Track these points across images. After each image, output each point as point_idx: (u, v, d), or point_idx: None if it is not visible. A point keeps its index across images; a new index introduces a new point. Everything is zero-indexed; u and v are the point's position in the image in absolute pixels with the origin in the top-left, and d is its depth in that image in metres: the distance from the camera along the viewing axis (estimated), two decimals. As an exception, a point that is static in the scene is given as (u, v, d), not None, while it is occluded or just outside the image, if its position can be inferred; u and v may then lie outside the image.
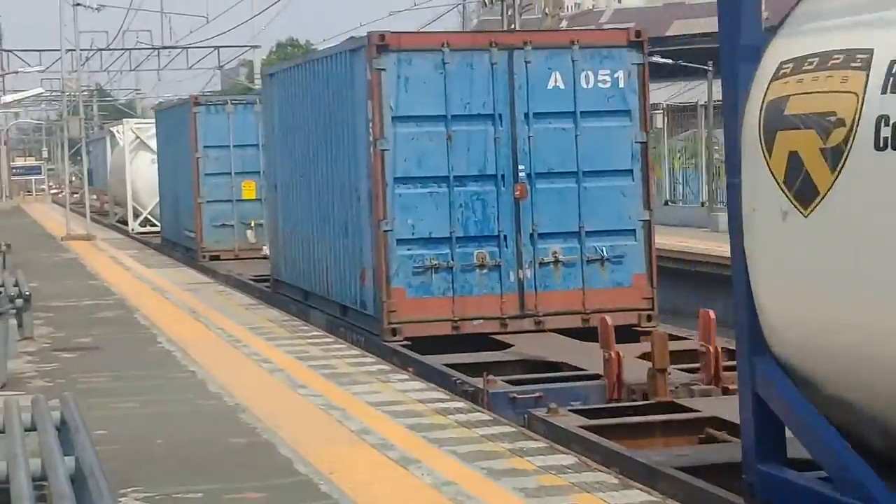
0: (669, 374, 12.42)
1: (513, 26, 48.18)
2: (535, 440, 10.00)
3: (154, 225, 40.03)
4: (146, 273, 25.62)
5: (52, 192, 72.88)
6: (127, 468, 9.22)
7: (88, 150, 54.18)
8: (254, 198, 28.77)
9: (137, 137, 41.73)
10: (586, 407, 12.24)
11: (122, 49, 66.44)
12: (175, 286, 22.66)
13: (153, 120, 41.40)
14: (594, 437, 10.66)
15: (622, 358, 12.68)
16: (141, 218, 42.19)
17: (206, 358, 14.35)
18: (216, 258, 28.82)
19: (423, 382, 12.81)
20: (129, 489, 8.67)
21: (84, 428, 7.92)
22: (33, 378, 13.43)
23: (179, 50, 66.12)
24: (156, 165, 37.88)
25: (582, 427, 11.05)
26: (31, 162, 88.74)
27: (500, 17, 49.43)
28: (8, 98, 60.89)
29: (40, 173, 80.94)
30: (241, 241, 29.18)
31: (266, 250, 25.93)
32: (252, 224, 28.95)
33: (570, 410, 11.75)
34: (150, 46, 67.05)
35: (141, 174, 41.12)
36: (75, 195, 67.40)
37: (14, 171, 78.79)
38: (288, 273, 20.87)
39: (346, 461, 9.37)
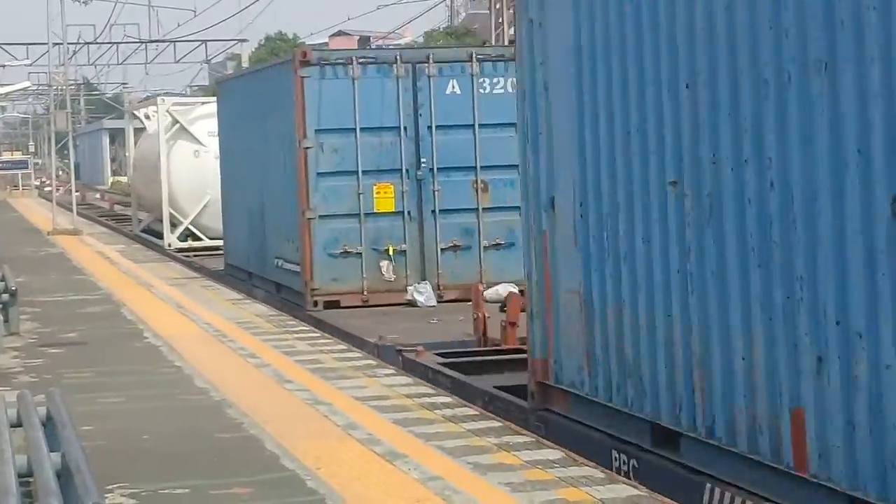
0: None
1: (500, 20, 48.26)
2: (523, 435, 10.01)
3: (198, 239, 32.44)
4: (133, 268, 25.59)
5: (47, 189, 64.37)
6: (113, 464, 9.22)
7: (76, 144, 54.13)
8: (392, 210, 19.35)
9: (176, 122, 32.56)
10: None
11: (109, 43, 66.53)
12: (161, 281, 22.63)
13: (195, 99, 36.19)
14: None
15: None
16: (181, 229, 32.82)
17: (193, 353, 14.35)
18: (333, 304, 19.17)
19: (410, 377, 12.81)
20: (115, 485, 8.66)
21: (70, 423, 7.92)
22: (19, 373, 13.41)
23: (167, 43, 66.25)
24: (200, 159, 31.10)
25: None
26: (17, 156, 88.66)
27: (488, 11, 49.56)
28: (-6, 92, 60.79)
29: (27, 167, 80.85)
30: (372, 279, 19.32)
31: (416, 294, 19.17)
32: (390, 251, 19.32)
33: None
34: (137, 40, 67.14)
35: (181, 171, 32.25)
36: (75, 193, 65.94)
37: (0, 165, 78.66)
38: (600, 382, 10.42)
39: (332, 456, 9.37)
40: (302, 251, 19.37)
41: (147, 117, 36.89)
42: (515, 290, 17.25)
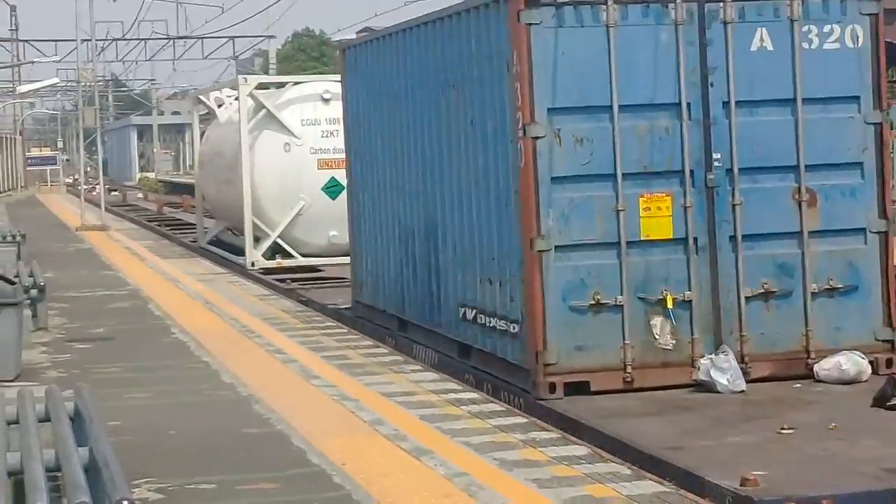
0: None
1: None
2: (549, 431, 10.01)
3: (289, 256, 25.52)
4: (160, 263, 25.66)
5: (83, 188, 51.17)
6: (141, 459, 9.25)
7: (104, 141, 54.25)
8: (669, 236, 12.30)
9: (262, 107, 25.68)
10: None
11: (137, 39, 66.86)
12: (189, 276, 22.69)
13: (287, 78, 29.48)
14: None
15: None
16: (267, 244, 25.54)
17: (220, 349, 14.39)
18: (580, 388, 11.93)
19: (437, 373, 12.82)
20: (142, 480, 8.70)
21: (98, 419, 7.95)
22: (47, 369, 13.48)
23: (195, 40, 66.52)
24: (292, 154, 25.19)
25: None
26: (46, 152, 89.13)
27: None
28: (24, 88, 61.19)
29: (55, 163, 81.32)
30: (640, 346, 12.13)
31: (713, 372, 11.78)
32: (668, 302, 12.26)
33: None
34: (165, 36, 67.42)
35: (268, 169, 25.42)
36: (113, 192, 64.43)
37: (29, 161, 79.11)
38: None
39: (359, 452, 9.39)
40: (527, 302, 12.15)
41: (219, 103, 30.02)
42: (865, 362, 12.07)
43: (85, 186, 44.24)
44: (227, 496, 8.43)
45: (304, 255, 25.51)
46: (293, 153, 25.29)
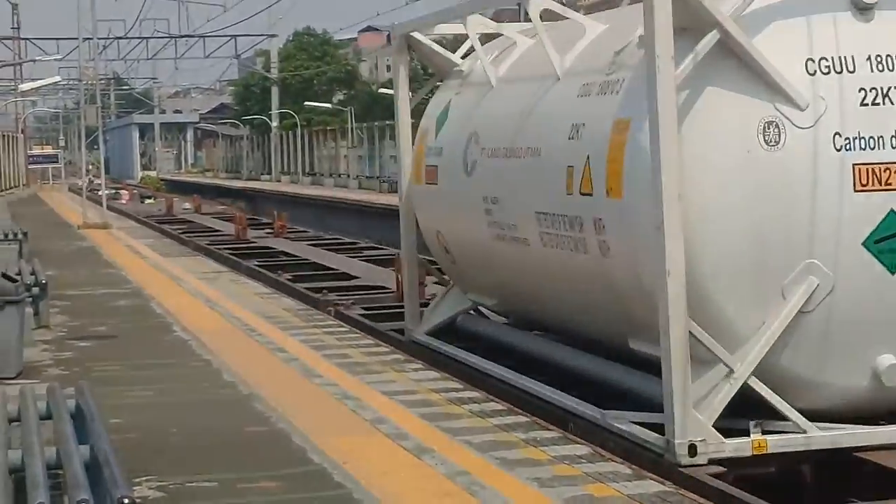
0: None
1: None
2: (550, 430, 10.01)
3: (773, 414, 8.96)
4: (162, 262, 25.65)
5: (99, 192, 45.19)
6: (142, 457, 9.25)
7: (106, 139, 54.14)
8: None
9: (710, 25, 8.90)
10: None
11: (139, 38, 67.06)
12: (190, 275, 22.68)
13: None
14: None
15: None
16: (726, 391, 8.94)
17: (221, 347, 14.38)
18: None
19: (438, 372, 12.82)
20: (143, 478, 8.70)
21: (99, 416, 7.94)
22: (49, 366, 13.47)
23: (196, 39, 66.76)
24: (786, 149, 8.94)
25: None
26: (48, 150, 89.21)
27: (516, 7, 49.45)
28: (25, 86, 61.25)
29: (57, 161, 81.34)
30: None
31: None
32: None
33: None
34: (167, 35, 67.64)
35: (719, 188, 8.94)
36: (147, 200, 57.51)
37: (31, 159, 79.19)
38: None
39: (360, 451, 9.39)
40: None
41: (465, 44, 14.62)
42: None
43: (107, 191, 40.86)
44: (228, 495, 8.43)
45: (810, 416, 9.24)
46: (788, 148, 9.15)
